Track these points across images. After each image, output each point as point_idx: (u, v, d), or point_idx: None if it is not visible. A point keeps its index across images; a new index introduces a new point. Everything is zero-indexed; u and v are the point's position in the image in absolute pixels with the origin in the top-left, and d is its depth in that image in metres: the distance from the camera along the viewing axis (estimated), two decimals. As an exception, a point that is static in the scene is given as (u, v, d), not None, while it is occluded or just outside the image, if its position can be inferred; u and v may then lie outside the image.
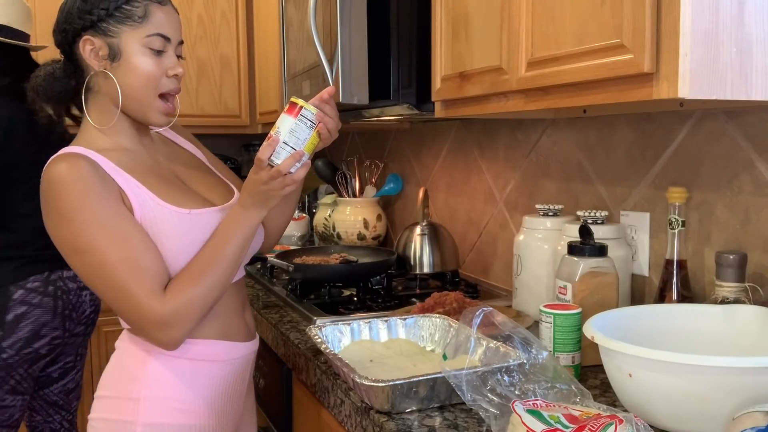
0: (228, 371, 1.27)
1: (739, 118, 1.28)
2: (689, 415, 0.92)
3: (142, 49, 1.17)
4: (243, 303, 1.33)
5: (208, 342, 1.24)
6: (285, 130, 1.13)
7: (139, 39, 1.17)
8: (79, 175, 1.11)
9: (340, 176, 2.66)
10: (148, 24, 1.17)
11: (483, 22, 1.33)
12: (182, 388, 1.22)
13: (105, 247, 1.10)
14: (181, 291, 1.13)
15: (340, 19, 1.57)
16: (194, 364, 1.23)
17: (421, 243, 1.99)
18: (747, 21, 0.94)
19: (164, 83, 1.20)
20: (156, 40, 1.18)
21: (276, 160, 1.13)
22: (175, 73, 1.20)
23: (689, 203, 1.36)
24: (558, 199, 1.75)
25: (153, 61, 1.18)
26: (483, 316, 1.12)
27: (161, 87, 1.20)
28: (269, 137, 1.13)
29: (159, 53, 1.18)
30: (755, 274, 1.24)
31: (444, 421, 1.05)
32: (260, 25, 2.91)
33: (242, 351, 1.29)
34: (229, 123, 3.09)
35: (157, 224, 1.17)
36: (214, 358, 1.25)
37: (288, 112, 1.14)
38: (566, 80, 1.09)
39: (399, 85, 1.62)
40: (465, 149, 2.16)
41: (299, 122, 1.14)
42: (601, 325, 1.06)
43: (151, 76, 1.18)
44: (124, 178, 1.17)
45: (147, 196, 1.17)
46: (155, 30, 1.17)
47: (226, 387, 1.27)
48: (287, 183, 1.14)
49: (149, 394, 1.20)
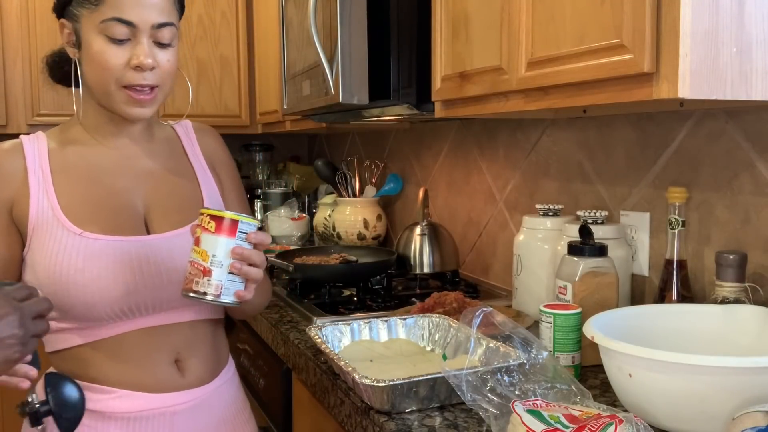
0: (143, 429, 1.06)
1: (739, 118, 1.28)
2: (689, 415, 0.92)
3: (97, 36, 1.02)
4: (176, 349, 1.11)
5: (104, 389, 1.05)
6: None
7: (95, 24, 1.02)
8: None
9: (340, 176, 2.66)
10: (102, 6, 1.02)
11: (483, 22, 1.33)
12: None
13: None
14: None
15: (340, 19, 1.57)
16: (88, 417, 1.03)
17: (421, 243, 1.99)
18: (747, 21, 0.94)
19: (128, 75, 1.04)
20: (113, 26, 1.01)
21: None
22: (137, 63, 1.02)
23: (689, 203, 1.36)
24: (558, 199, 1.75)
25: (111, 50, 1.02)
26: (483, 316, 1.12)
27: (123, 79, 1.04)
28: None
29: (120, 42, 1.02)
30: (755, 274, 1.24)
31: (444, 421, 1.05)
32: (260, 25, 2.91)
33: (156, 403, 1.07)
34: (229, 123, 3.08)
35: (45, 235, 1.06)
36: (109, 409, 1.05)
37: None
38: (566, 80, 1.09)
39: (399, 85, 1.62)
40: (465, 149, 2.16)
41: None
42: (601, 325, 1.06)
43: (106, 66, 1.03)
44: (39, 180, 1.07)
45: (48, 204, 1.07)
46: (112, 14, 1.01)
47: None
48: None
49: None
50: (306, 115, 2.19)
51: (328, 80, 1.63)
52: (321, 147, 3.49)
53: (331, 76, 1.62)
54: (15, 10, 2.77)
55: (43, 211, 1.06)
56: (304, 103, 1.93)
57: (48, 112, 2.82)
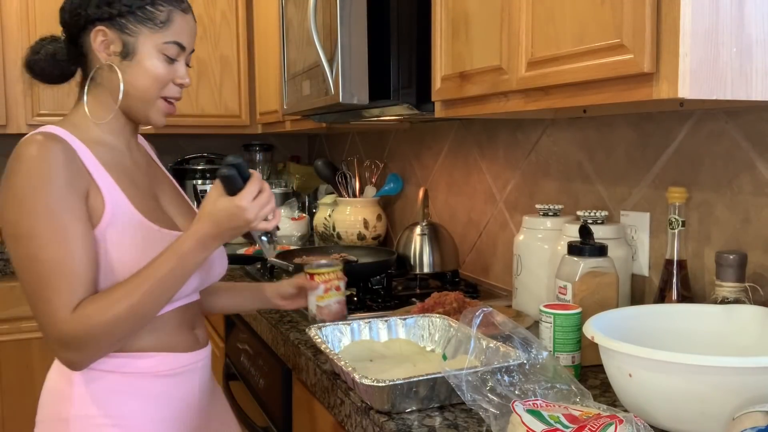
0: (171, 383, 1.21)
1: (739, 118, 1.28)
2: (689, 415, 0.92)
3: (157, 54, 1.15)
4: (193, 319, 1.28)
5: (146, 354, 1.18)
6: None
7: (156, 43, 1.15)
8: (48, 158, 1.06)
9: (340, 176, 2.66)
10: (168, 30, 1.15)
11: (483, 22, 1.33)
12: (115, 405, 1.15)
13: (43, 241, 1.04)
14: (88, 317, 1.04)
15: (340, 19, 1.57)
16: (128, 378, 1.16)
17: (421, 243, 1.99)
18: (747, 21, 0.94)
19: (170, 89, 1.19)
20: (172, 48, 1.16)
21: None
22: (182, 82, 1.20)
23: (689, 203, 1.36)
24: (558, 199, 1.75)
25: (164, 67, 1.16)
26: (483, 316, 1.12)
27: (166, 91, 1.18)
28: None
29: (172, 61, 1.17)
30: (755, 274, 1.24)
31: (444, 421, 1.05)
32: (260, 25, 2.91)
33: (186, 361, 1.24)
34: (229, 123, 3.09)
35: (124, 232, 1.12)
36: (151, 370, 1.18)
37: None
38: (566, 80, 1.09)
39: (399, 85, 1.62)
40: (465, 149, 2.16)
41: None
42: (601, 325, 1.06)
43: (159, 80, 1.16)
44: (103, 177, 1.12)
45: (122, 200, 1.13)
46: (173, 38, 1.16)
47: (169, 398, 1.21)
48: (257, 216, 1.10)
49: (78, 413, 1.14)
50: (306, 115, 2.19)
51: (328, 80, 1.63)
52: (321, 147, 3.49)
53: (331, 76, 1.62)
54: (15, 10, 2.77)
55: (118, 205, 1.12)
56: (304, 103, 1.93)
57: (48, 112, 2.82)
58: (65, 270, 1.04)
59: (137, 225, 1.13)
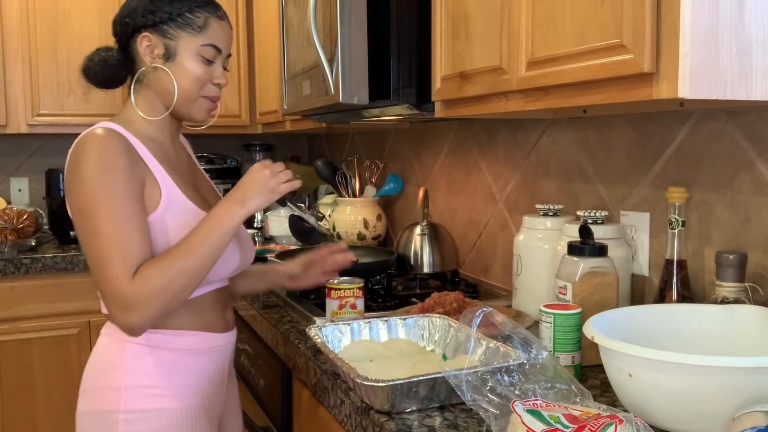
0: (207, 359, 1.34)
1: (739, 118, 1.28)
2: (689, 415, 0.92)
3: (195, 56, 1.28)
4: (225, 302, 1.41)
5: (188, 333, 1.31)
6: None
7: (194, 46, 1.28)
8: (111, 146, 1.19)
9: (340, 176, 2.66)
10: (204, 34, 1.28)
11: (483, 22, 1.33)
12: (162, 377, 1.28)
13: (105, 217, 1.16)
14: (148, 278, 1.16)
15: (340, 19, 1.57)
16: (172, 354, 1.29)
17: (421, 243, 1.99)
18: (747, 21, 0.94)
19: (208, 89, 1.31)
20: (209, 50, 1.29)
21: None
22: (219, 82, 1.32)
23: (689, 203, 1.36)
24: (558, 199, 1.75)
25: (202, 68, 1.29)
26: (483, 316, 1.12)
27: (205, 91, 1.31)
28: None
29: (209, 62, 1.29)
30: (755, 274, 1.24)
31: (444, 421, 1.05)
32: (260, 25, 2.91)
33: (221, 341, 1.37)
34: (229, 123, 3.08)
35: (178, 219, 1.25)
36: (193, 347, 1.31)
37: None
38: (566, 80, 1.09)
39: (399, 85, 1.62)
40: (465, 149, 2.16)
41: None
42: (601, 325, 1.06)
43: (198, 79, 1.29)
44: (157, 169, 1.26)
45: (176, 191, 1.27)
46: (210, 41, 1.29)
47: (206, 373, 1.34)
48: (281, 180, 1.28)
49: (130, 383, 1.26)
50: (306, 115, 2.19)
51: (328, 80, 1.63)
52: (321, 147, 3.49)
53: (331, 76, 1.62)
54: (15, 10, 2.76)
55: (172, 194, 1.26)
56: (304, 103, 1.93)
57: (48, 112, 2.81)
58: (124, 242, 1.16)
59: (190, 211, 1.27)
